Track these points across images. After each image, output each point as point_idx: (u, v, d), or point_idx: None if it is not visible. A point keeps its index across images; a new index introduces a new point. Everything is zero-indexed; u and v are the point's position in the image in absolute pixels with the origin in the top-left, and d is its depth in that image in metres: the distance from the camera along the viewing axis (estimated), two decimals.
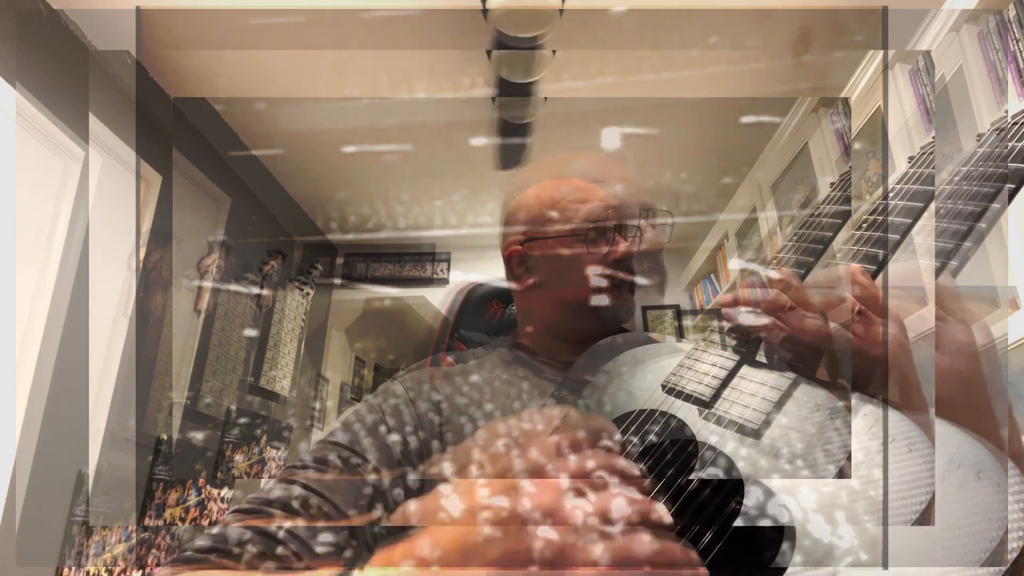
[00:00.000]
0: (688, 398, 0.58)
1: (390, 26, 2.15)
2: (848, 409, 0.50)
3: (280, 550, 0.54)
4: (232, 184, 3.00)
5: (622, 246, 0.75)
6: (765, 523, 0.45)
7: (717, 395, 0.57)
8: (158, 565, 2.29)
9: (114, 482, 2.20)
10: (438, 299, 3.73)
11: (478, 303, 0.95)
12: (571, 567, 0.34)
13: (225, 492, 2.71)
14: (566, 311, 0.78)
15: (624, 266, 0.75)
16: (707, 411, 0.56)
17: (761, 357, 0.59)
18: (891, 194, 0.63)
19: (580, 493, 0.37)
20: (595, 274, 0.74)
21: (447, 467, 0.46)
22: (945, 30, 1.81)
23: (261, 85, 2.48)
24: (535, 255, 0.78)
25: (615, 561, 0.34)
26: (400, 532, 0.61)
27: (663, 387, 0.61)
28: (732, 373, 0.58)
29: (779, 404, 0.53)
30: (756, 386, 0.55)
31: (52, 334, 1.94)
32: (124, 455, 2.28)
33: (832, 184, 0.71)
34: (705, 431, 0.54)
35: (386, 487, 0.62)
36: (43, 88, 1.94)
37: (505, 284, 0.88)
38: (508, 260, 0.82)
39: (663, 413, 0.58)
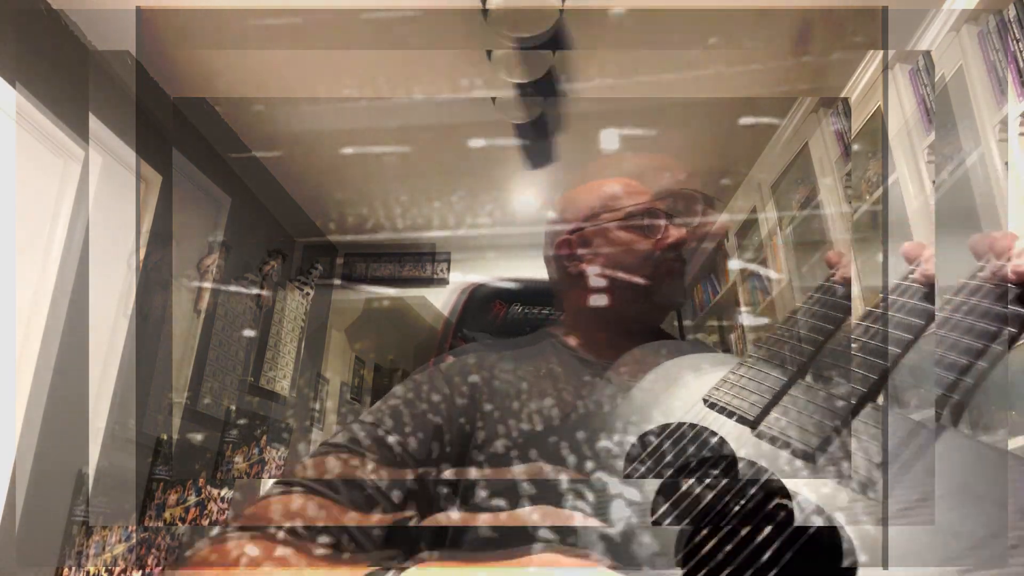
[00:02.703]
0: (731, 415, 0.55)
1: (390, 26, 2.15)
2: (928, 435, 0.46)
3: (364, 493, 0.58)
4: (232, 184, 3.00)
5: (674, 232, 0.78)
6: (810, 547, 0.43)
7: (764, 413, 0.53)
8: (158, 565, 2.29)
9: (114, 482, 2.19)
10: (438, 299, 3.73)
11: (481, 303, 0.95)
12: None
13: (225, 492, 2.70)
14: (620, 298, 0.78)
15: (676, 251, 0.78)
16: (751, 430, 0.52)
17: (811, 377, 0.56)
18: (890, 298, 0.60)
19: None
20: (650, 259, 0.77)
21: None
22: (945, 30, 1.81)
23: (261, 85, 2.48)
24: (590, 246, 0.80)
25: None
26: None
27: (705, 401, 0.58)
28: (781, 392, 0.55)
29: (836, 429, 0.49)
30: (807, 406, 0.52)
31: (52, 334, 1.94)
32: (124, 455, 2.28)
33: (810, 297, 0.66)
34: (747, 449, 0.51)
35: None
36: (43, 88, 1.93)
37: (505, 284, 0.87)
38: (559, 252, 0.82)
39: (703, 428, 0.54)
